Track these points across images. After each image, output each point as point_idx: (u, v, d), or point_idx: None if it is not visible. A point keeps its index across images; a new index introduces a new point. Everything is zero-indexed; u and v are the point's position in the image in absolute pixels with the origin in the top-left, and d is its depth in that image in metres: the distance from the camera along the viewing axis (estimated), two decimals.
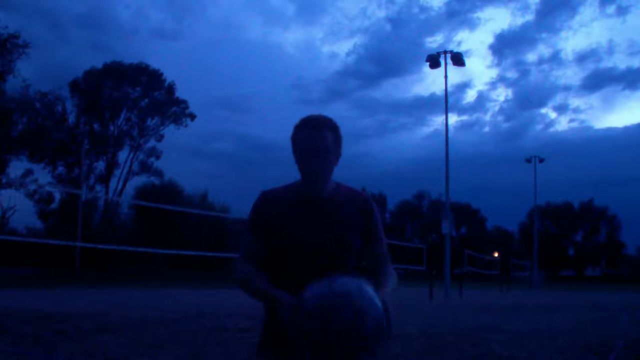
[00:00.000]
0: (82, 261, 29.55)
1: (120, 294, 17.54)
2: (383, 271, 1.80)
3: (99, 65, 42.43)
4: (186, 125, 44.43)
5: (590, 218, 71.66)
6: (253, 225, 1.83)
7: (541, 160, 44.72)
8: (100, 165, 41.99)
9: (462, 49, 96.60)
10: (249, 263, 1.80)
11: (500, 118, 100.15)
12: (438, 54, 25.24)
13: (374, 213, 1.86)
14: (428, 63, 25.35)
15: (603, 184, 77.84)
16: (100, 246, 25.44)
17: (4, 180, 34.68)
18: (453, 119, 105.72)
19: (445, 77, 25.13)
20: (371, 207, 1.87)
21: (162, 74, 43.66)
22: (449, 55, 25.06)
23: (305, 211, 1.80)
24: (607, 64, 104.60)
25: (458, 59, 25.07)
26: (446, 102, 25.74)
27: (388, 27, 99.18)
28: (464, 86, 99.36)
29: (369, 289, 1.46)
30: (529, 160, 44.69)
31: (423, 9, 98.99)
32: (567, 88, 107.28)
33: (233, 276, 1.82)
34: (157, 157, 43.66)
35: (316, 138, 1.78)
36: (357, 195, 1.87)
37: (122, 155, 42.74)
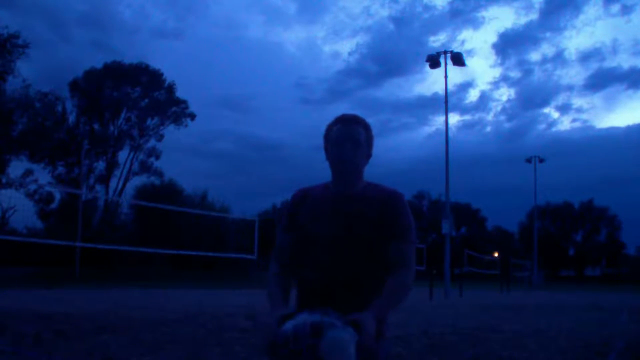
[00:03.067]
0: (82, 261, 29.52)
1: (120, 294, 17.53)
2: (397, 279, 1.77)
3: (100, 64, 42.53)
4: (186, 125, 44.50)
5: (590, 218, 71.61)
6: (285, 223, 1.92)
7: (541, 161, 44.76)
8: (100, 165, 42.02)
9: (465, 48, 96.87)
10: (278, 263, 1.89)
11: (502, 118, 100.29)
12: (438, 54, 25.25)
13: (400, 211, 1.85)
14: (428, 63, 25.37)
15: (603, 184, 77.97)
16: (100, 246, 25.41)
17: (4, 180, 34.65)
18: (455, 118, 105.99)
19: (445, 77, 25.16)
20: (398, 205, 1.85)
21: (162, 74, 43.72)
22: (449, 55, 25.08)
23: (335, 207, 1.83)
24: (610, 63, 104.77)
25: (458, 59, 25.07)
26: (446, 102, 25.75)
27: (391, 26, 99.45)
28: (466, 86, 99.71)
29: (338, 334, 1.49)
30: (529, 160, 44.74)
31: (427, 8, 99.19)
32: (570, 88, 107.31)
33: (267, 276, 1.92)
34: (157, 157, 43.70)
35: (349, 130, 1.84)
36: (386, 193, 1.87)
37: (122, 155, 42.79)
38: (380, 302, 1.70)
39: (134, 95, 42.79)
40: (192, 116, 44.53)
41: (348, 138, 1.83)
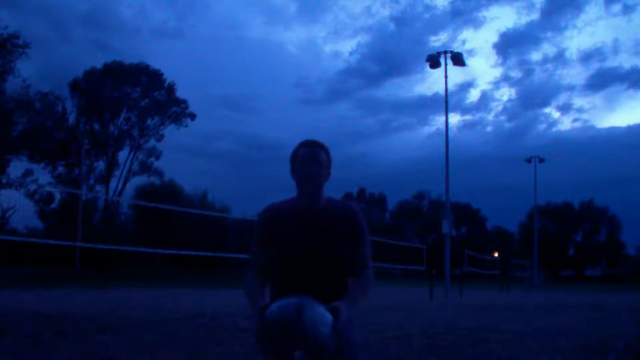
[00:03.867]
0: (82, 261, 29.50)
1: (120, 294, 17.53)
2: (361, 278, 2.14)
3: (100, 64, 42.53)
4: (186, 125, 44.47)
5: (590, 218, 71.57)
6: (259, 238, 2.19)
7: (541, 160, 44.77)
8: (100, 165, 41.99)
9: (466, 47, 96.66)
10: (254, 272, 2.17)
11: (503, 118, 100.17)
12: (438, 54, 25.25)
13: (359, 222, 2.17)
14: (428, 63, 25.37)
15: (603, 184, 77.84)
16: (100, 246, 25.39)
17: (4, 180, 34.66)
18: (456, 118, 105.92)
19: (445, 77, 25.17)
20: (356, 217, 2.18)
21: (162, 74, 43.70)
22: (449, 55, 25.08)
23: (302, 222, 2.13)
24: (611, 63, 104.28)
25: (458, 59, 25.07)
26: (446, 102, 25.78)
27: (392, 26, 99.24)
28: (467, 85, 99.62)
29: (317, 312, 1.81)
30: (528, 160, 44.75)
31: (428, 7, 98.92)
32: (571, 87, 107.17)
33: (242, 284, 2.18)
34: (157, 157, 43.68)
35: (313, 153, 2.17)
36: (345, 208, 2.20)
37: (122, 155, 42.76)
38: (351, 296, 2.06)
39: (134, 95, 42.77)
40: (192, 116, 44.56)
41: (312, 159, 2.15)
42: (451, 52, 25.16)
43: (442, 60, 25.03)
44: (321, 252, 2.09)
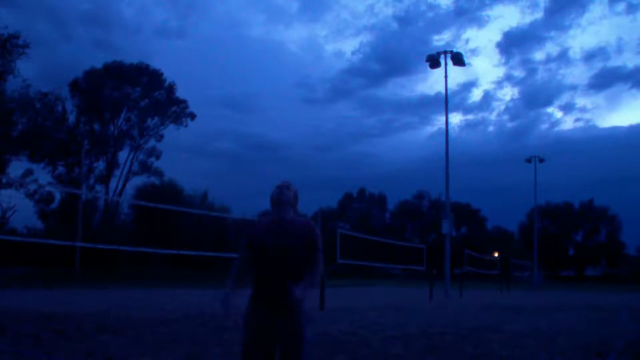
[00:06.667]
0: (82, 261, 29.51)
1: (120, 294, 17.54)
2: (314, 269, 3.01)
3: (101, 64, 42.51)
4: (186, 125, 44.43)
5: (590, 218, 71.46)
6: (245, 244, 3.12)
7: (541, 160, 44.70)
8: (100, 165, 41.94)
9: (469, 47, 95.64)
10: (240, 261, 3.13)
11: (505, 117, 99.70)
12: (438, 54, 25.20)
13: (315, 232, 3.07)
14: (428, 63, 25.34)
15: (603, 184, 77.68)
16: (100, 246, 25.39)
17: (4, 180, 34.61)
18: (458, 118, 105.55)
19: (445, 77, 25.13)
20: (313, 229, 3.08)
21: (162, 74, 43.67)
22: (449, 55, 25.04)
23: (276, 228, 3.04)
24: (615, 62, 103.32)
25: (458, 59, 25.03)
26: (446, 102, 25.76)
27: (395, 25, 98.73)
28: (470, 85, 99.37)
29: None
30: (529, 160, 44.67)
31: (431, 6, 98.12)
32: (573, 87, 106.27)
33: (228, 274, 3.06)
34: (157, 157, 43.65)
35: (281, 190, 3.12)
36: (305, 222, 3.11)
37: (122, 155, 42.71)
38: (306, 281, 2.93)
39: (134, 95, 42.75)
40: (192, 116, 44.53)
41: (281, 196, 3.09)
42: (451, 52, 25.12)
43: (442, 60, 25.00)
44: (286, 249, 2.96)
